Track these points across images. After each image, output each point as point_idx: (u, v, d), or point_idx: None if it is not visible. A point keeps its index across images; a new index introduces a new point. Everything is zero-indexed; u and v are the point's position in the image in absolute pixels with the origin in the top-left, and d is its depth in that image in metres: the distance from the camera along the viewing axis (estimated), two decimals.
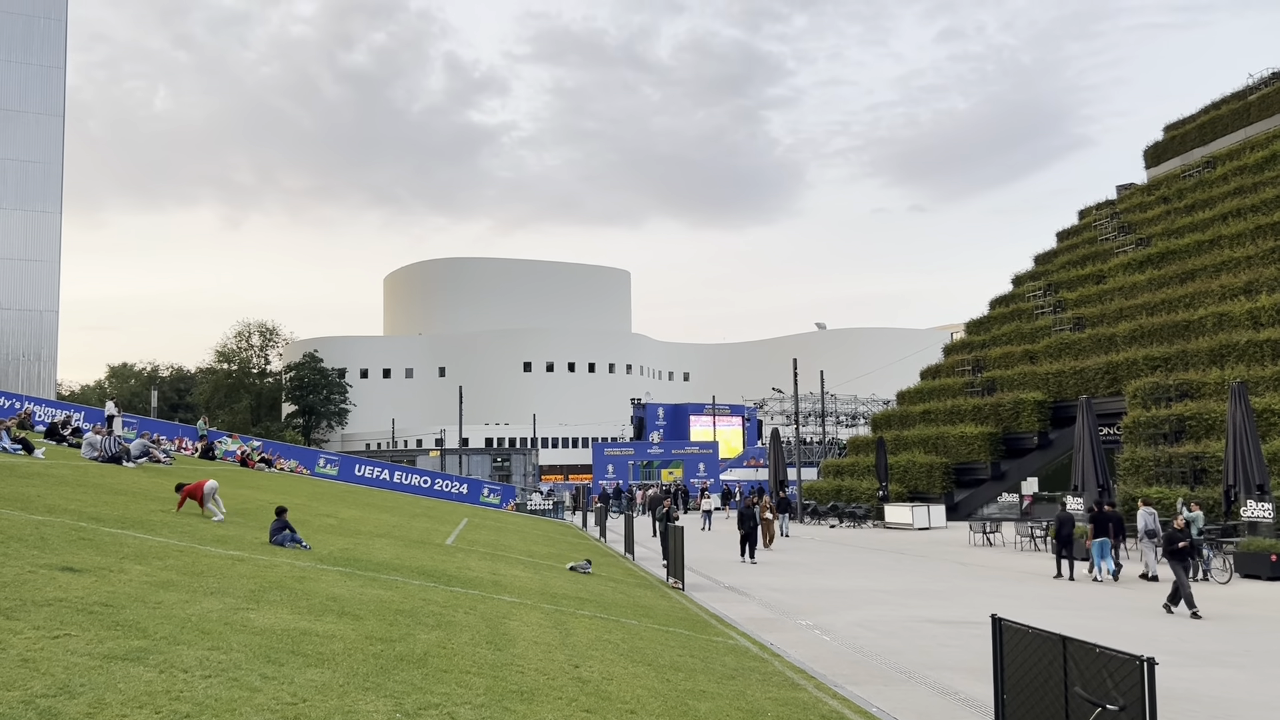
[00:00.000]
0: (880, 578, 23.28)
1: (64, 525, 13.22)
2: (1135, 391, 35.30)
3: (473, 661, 9.21)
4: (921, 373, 55.17)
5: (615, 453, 70.20)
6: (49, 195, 67.40)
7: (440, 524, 28.65)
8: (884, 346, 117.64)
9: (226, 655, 7.79)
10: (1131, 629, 15.17)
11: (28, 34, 67.17)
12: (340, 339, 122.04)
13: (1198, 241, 42.87)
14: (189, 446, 39.57)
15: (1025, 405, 42.38)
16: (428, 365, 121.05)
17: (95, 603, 8.85)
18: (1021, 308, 51.56)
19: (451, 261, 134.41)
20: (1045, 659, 6.86)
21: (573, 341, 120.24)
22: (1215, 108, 54.30)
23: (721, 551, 30.57)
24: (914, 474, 44.51)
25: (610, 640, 12.06)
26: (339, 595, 11.69)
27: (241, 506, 20.87)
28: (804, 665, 12.44)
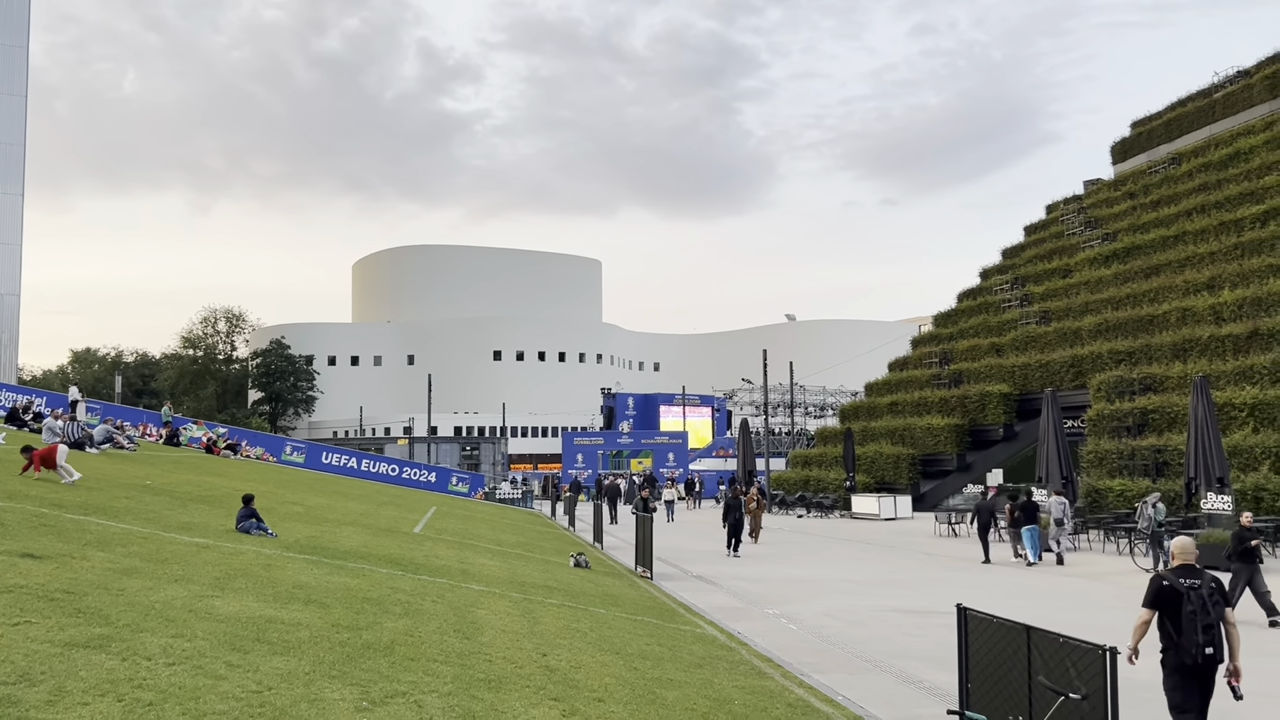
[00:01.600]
0: (847, 567, 23.45)
1: (24, 511, 13.03)
2: (1099, 385, 35.72)
3: (440, 650, 9.18)
4: (889, 365, 55.54)
5: (585, 442, 70.19)
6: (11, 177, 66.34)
7: (408, 512, 28.54)
8: (853, 338, 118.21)
9: (190, 643, 7.71)
10: (1094, 619, 15.37)
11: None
12: (308, 325, 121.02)
13: (1162, 237, 43.40)
14: (153, 433, 39.15)
15: (991, 398, 42.78)
16: (396, 353, 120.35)
17: (56, 590, 8.74)
18: (989, 301, 52.00)
19: (421, 249, 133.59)
20: (1009, 648, 6.93)
21: (543, 330, 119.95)
22: (1181, 105, 54.92)
23: (691, 541, 30.68)
24: (881, 465, 44.83)
25: (578, 629, 12.07)
26: (305, 583, 11.62)
27: (207, 494, 20.70)
28: (771, 654, 12.50)
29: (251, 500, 16.31)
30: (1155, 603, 7.84)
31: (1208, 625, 7.58)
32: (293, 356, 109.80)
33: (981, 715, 6.98)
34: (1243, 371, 30.66)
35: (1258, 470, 26.65)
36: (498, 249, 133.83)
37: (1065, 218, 55.35)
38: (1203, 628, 7.56)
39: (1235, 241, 38.17)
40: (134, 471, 22.37)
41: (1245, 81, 50.01)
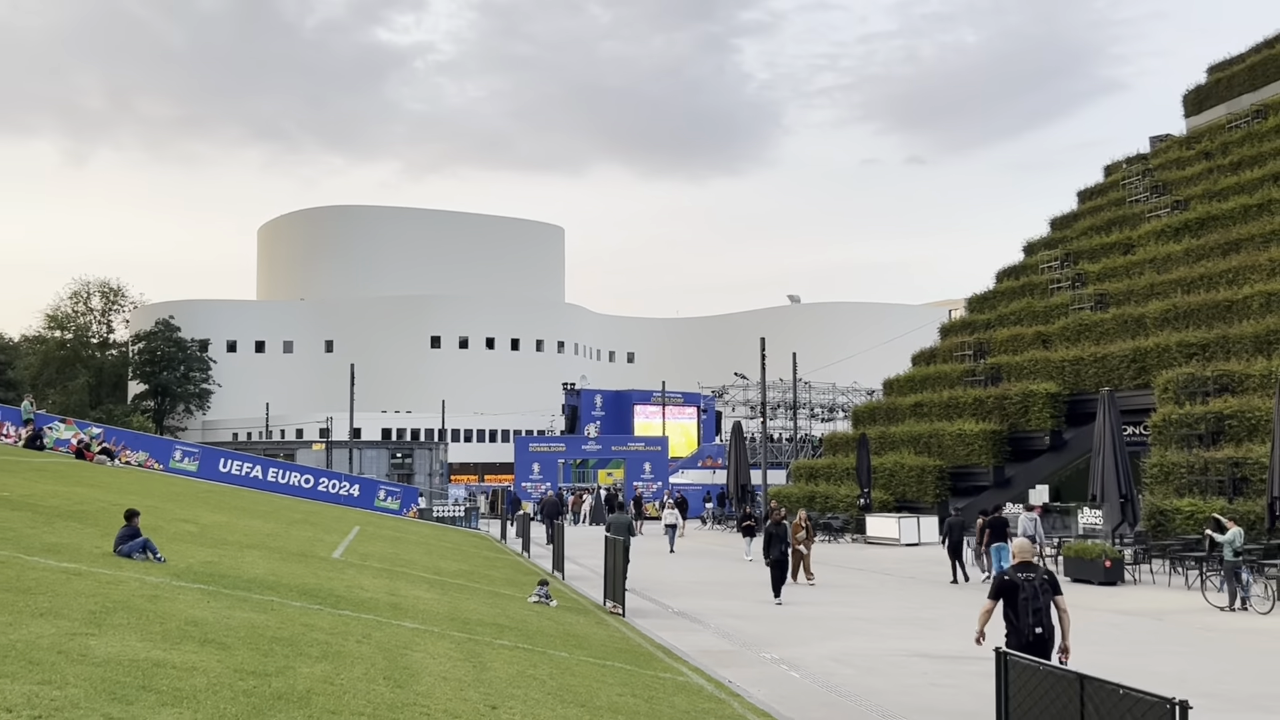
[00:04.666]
0: (860, 602, 23.62)
1: None
2: (1166, 384, 36.03)
3: (367, 701, 9.20)
4: (913, 358, 55.78)
5: (542, 449, 70.27)
6: None
7: (326, 533, 28.53)
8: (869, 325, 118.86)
9: (61, 691, 7.69)
10: (1159, 666, 15.56)
11: None
12: (203, 303, 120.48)
13: (1244, 205, 43.78)
14: (10, 433, 38.93)
15: (1036, 398, 43.08)
16: (311, 337, 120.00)
17: None
18: (1034, 281, 52.39)
19: (343, 209, 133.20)
20: (1059, 701, 7.02)
21: (492, 312, 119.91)
22: (1269, 46, 55.47)
23: (671, 571, 30.79)
24: (902, 479, 45.10)
25: (535, 676, 12.11)
26: (201, 619, 11.60)
27: (77, 508, 20.61)
28: (769, 707, 12.59)
29: (135, 517, 16.27)
30: (997, 594, 11.11)
31: (1037, 609, 10.73)
32: (183, 341, 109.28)
33: None
34: None
35: None
36: (438, 211, 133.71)
37: (1127, 181, 55.85)
38: (1033, 611, 10.73)
39: None
40: None
41: None
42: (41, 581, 12.06)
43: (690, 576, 28.97)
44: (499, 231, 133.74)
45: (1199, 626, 20.04)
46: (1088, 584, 26.65)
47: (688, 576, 29.03)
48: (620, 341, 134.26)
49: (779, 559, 23.50)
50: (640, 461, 67.80)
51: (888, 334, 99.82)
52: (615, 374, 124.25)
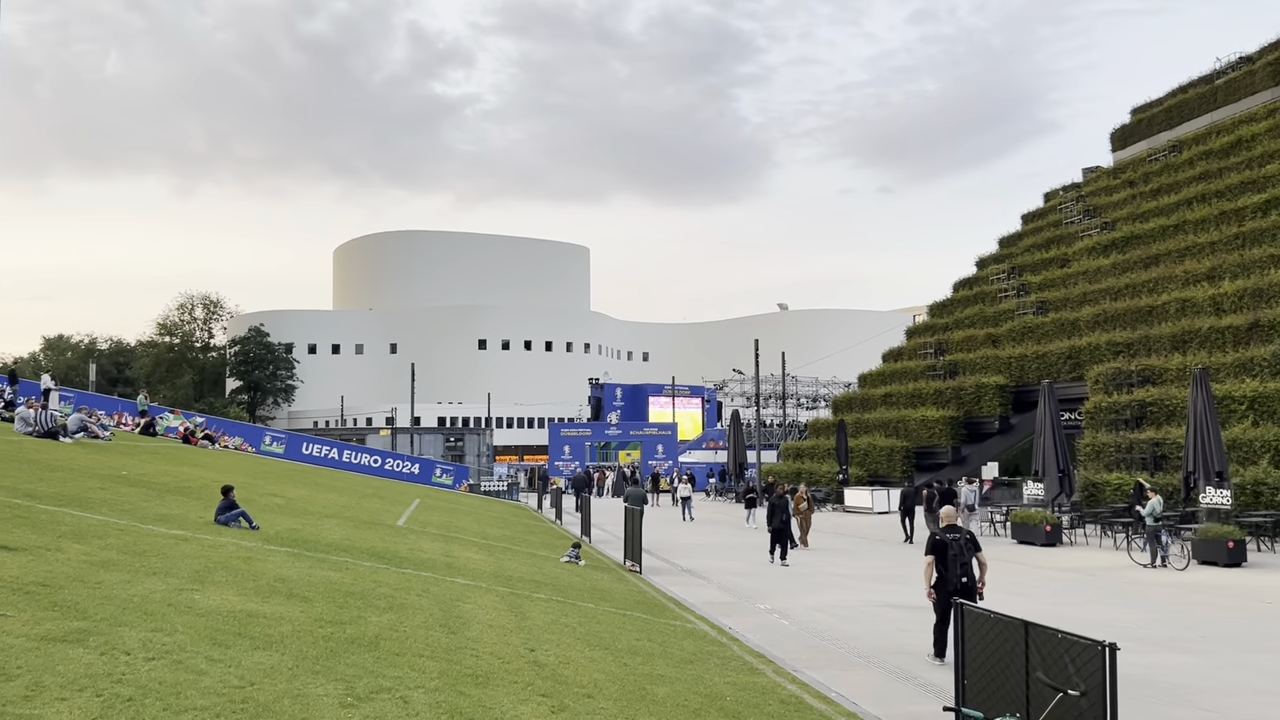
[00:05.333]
0: (840, 562, 23.55)
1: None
2: (1097, 377, 35.87)
3: (426, 645, 9.20)
4: (883, 355, 55.63)
5: (572, 433, 70.16)
6: None
7: (391, 505, 28.53)
8: (846, 328, 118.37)
9: (170, 637, 7.71)
10: (1092, 614, 15.47)
11: None
12: (288, 313, 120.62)
13: (1162, 226, 43.54)
14: (129, 422, 39.03)
15: (987, 389, 42.89)
16: (378, 341, 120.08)
17: (32, 583, 8.72)
18: (985, 290, 52.12)
19: (404, 234, 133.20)
20: (1007, 644, 6.97)
21: (529, 319, 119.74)
22: (1182, 91, 55.06)
23: (681, 535, 30.74)
24: (874, 457, 44.95)
25: (567, 624, 12.10)
26: (287, 576, 11.61)
27: (184, 485, 20.65)
28: (763, 649, 12.55)
29: (231, 491, 16.27)
30: (931, 551, 11.84)
31: (964, 563, 11.61)
32: (272, 344, 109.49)
33: (979, 712, 7.03)
34: (1243, 364, 30.83)
35: (1257, 464, 26.82)
36: (483, 235, 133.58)
37: (1064, 206, 55.50)
38: (960, 565, 11.60)
39: (1236, 231, 38.33)
40: (109, 462, 22.28)
41: (1248, 68, 50.16)
42: (154, 546, 12.09)
43: (697, 540, 28.93)
44: (535, 251, 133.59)
45: (1125, 581, 19.92)
46: (1031, 545, 26.50)
47: (695, 540, 28.98)
48: (637, 343, 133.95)
49: (780, 527, 23.07)
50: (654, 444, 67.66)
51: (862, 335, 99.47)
52: (633, 371, 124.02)
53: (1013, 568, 22.30)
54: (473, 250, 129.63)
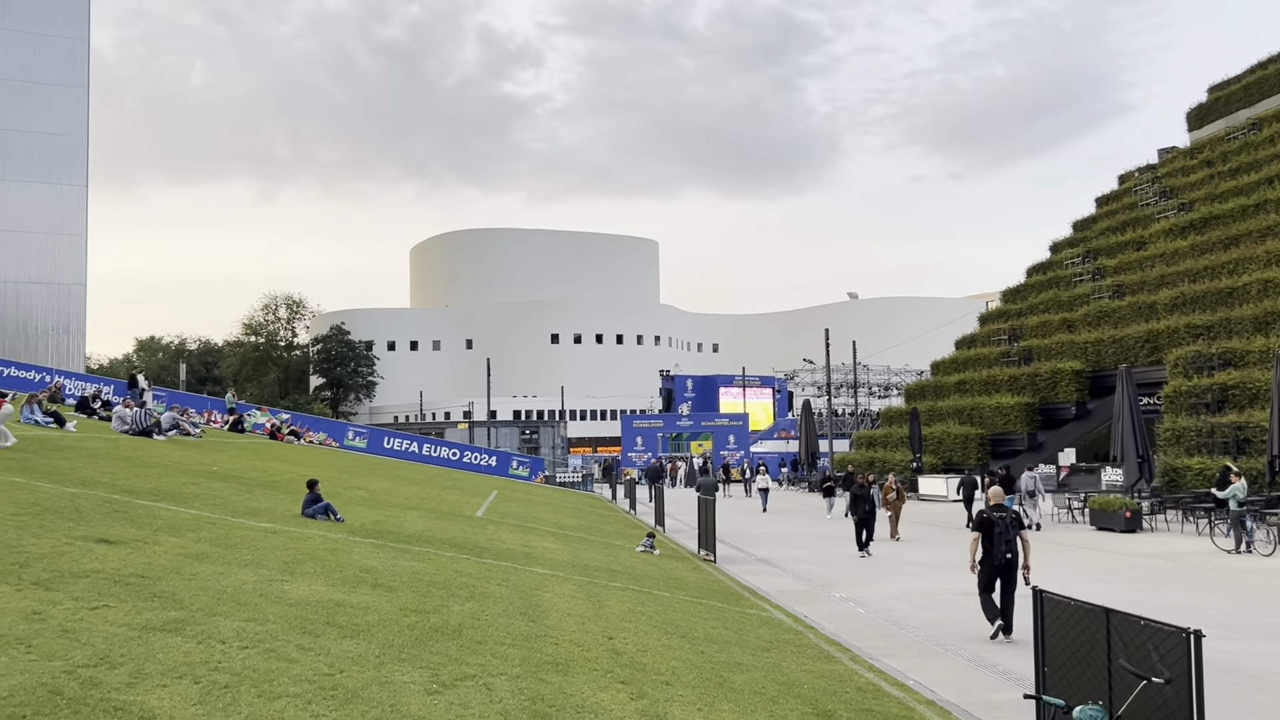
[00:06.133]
0: (915, 550, 23.26)
1: (98, 498, 13.43)
2: (1176, 360, 34.91)
3: (507, 633, 9.30)
4: (956, 342, 54.79)
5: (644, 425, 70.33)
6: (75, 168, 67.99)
7: (470, 496, 28.86)
8: (918, 316, 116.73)
9: (263, 626, 7.90)
10: (1175, 601, 15.08)
11: (50, 6, 67.56)
12: (367, 311, 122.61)
13: (1242, 206, 42.15)
14: (218, 419, 40.02)
15: (1063, 375, 41.99)
16: (455, 337, 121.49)
17: (132, 574, 9.00)
18: (1059, 275, 51.00)
19: (478, 232, 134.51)
20: (1088, 631, 6.83)
21: (600, 313, 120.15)
22: (1261, 67, 53.19)
23: (755, 525, 30.64)
24: (948, 445, 44.30)
25: (643, 612, 12.14)
26: (372, 567, 11.82)
27: (272, 479, 21.13)
28: (839, 638, 12.47)
29: (316, 485, 16.61)
30: (978, 528, 12.59)
31: (1008, 540, 12.29)
32: (353, 342, 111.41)
33: (1060, 700, 6.89)
34: None
35: None
36: (554, 231, 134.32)
37: (1139, 188, 54.02)
38: (1005, 542, 12.29)
39: None
40: (200, 458, 22.90)
41: None
42: (245, 539, 12.40)
43: (771, 530, 28.80)
44: (605, 246, 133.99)
45: (1209, 567, 19.37)
46: (1110, 531, 25.92)
47: (768, 530, 28.86)
48: (707, 335, 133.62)
49: (863, 517, 22.17)
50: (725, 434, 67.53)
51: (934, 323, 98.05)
52: (703, 362, 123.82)
53: (1092, 554, 21.83)
54: (544, 246, 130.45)
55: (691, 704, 7.86)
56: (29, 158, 66.34)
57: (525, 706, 6.91)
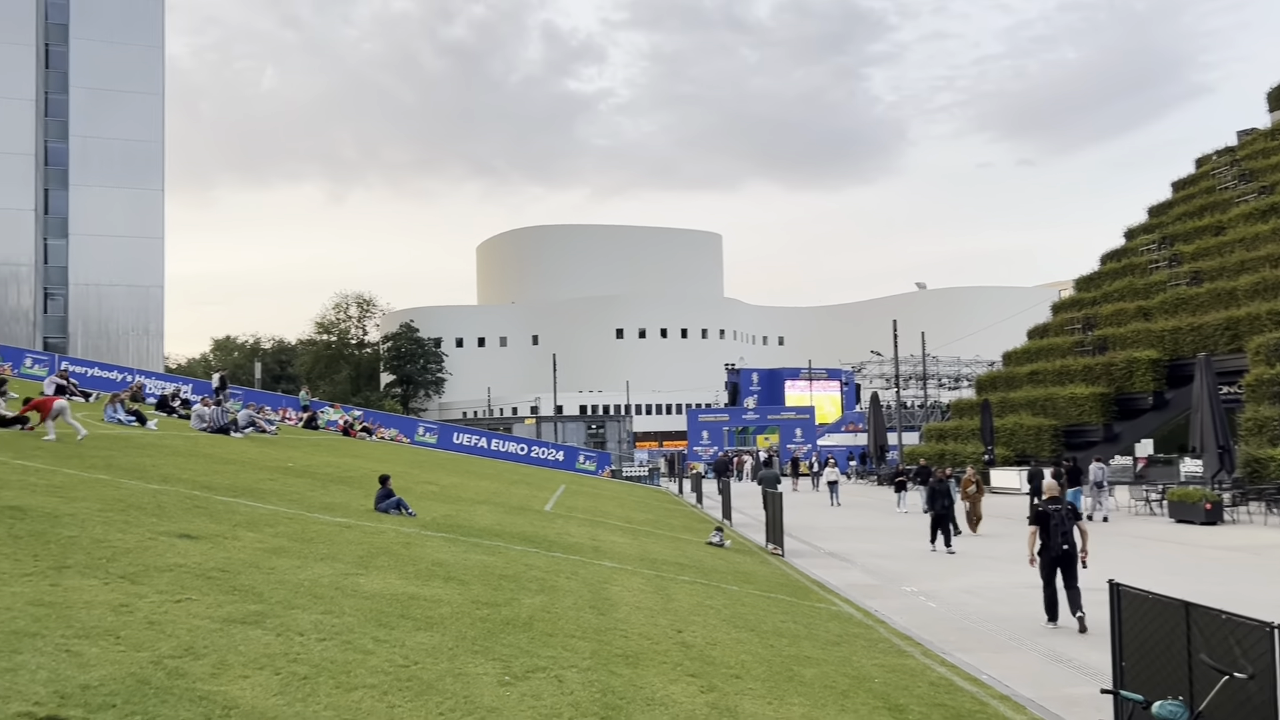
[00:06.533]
0: (987, 544, 22.93)
1: (179, 494, 13.81)
2: (1258, 348, 33.91)
3: (577, 626, 9.38)
4: (1028, 332, 53.88)
5: (710, 419, 70.23)
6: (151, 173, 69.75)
7: (538, 490, 29.11)
8: (988, 306, 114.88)
9: (339, 619, 8.08)
10: (1258, 595, 14.67)
11: (127, 15, 69.39)
12: (435, 309, 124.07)
13: None
14: (292, 416, 40.83)
15: (1139, 364, 41.05)
16: (521, 333, 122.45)
17: (213, 568, 9.25)
18: (1134, 262, 49.82)
19: (542, 229, 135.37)
20: (1167, 625, 6.69)
21: (664, 307, 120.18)
22: None
23: (824, 518, 30.46)
24: (1021, 437, 43.58)
25: (712, 606, 12.15)
26: (444, 560, 12.00)
27: (345, 475, 21.54)
28: (910, 632, 12.35)
29: (388, 481, 16.88)
30: (1035, 521, 12.92)
31: (1064, 532, 12.60)
32: (422, 339, 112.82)
33: (1138, 695, 6.76)
34: None
35: None
36: (618, 226, 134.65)
37: (1217, 171, 52.52)
38: (1061, 534, 12.59)
39: None
40: (276, 454, 23.42)
41: None
42: (321, 533, 12.66)
43: (839, 524, 28.60)
44: (668, 240, 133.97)
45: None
46: (1190, 524, 25.30)
47: (837, 523, 28.66)
48: (772, 328, 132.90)
49: (941, 513, 21.37)
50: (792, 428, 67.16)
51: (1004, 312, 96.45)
52: (768, 355, 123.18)
53: (1171, 547, 21.32)
54: (608, 242, 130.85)
55: (762, 697, 7.86)
56: (109, 164, 68.24)
57: (596, 698, 6.98)
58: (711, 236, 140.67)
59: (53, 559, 8.50)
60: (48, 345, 62.89)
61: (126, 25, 68.85)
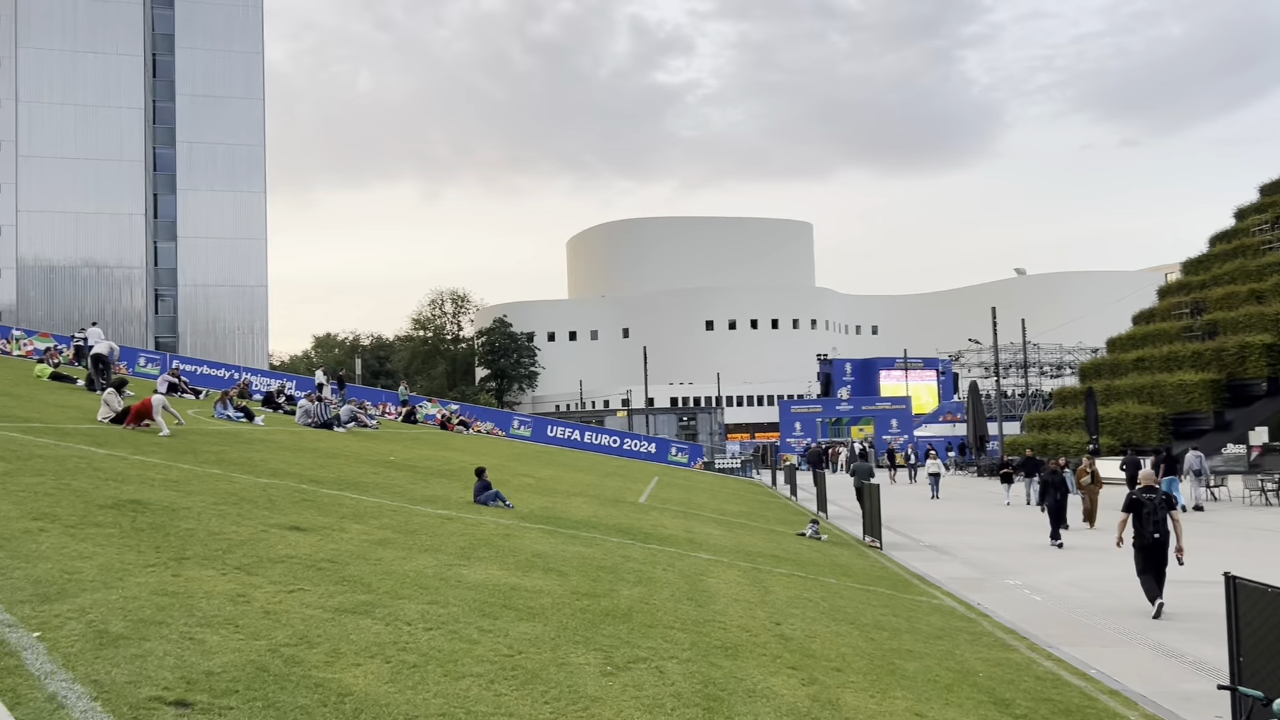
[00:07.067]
0: (1092, 535, 22.35)
1: (288, 487, 14.27)
2: None
3: (675, 617, 9.44)
4: (1134, 317, 52.31)
5: (802, 410, 69.73)
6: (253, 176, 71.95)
7: (632, 483, 29.27)
8: (1091, 291, 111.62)
9: (445, 609, 8.27)
10: None
11: (229, 23, 71.62)
12: (528, 304, 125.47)
13: None
14: (392, 411, 41.79)
15: (1252, 349, 39.51)
16: (611, 327, 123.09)
17: (322, 559, 9.55)
18: (1246, 244, 47.92)
19: (631, 222, 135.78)
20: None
21: (754, 298, 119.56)
22: None
23: (922, 511, 30.03)
24: (1127, 425, 42.32)
25: (810, 598, 12.10)
26: (543, 552, 12.18)
27: (445, 467, 21.98)
28: (1015, 625, 12.14)
29: (485, 473, 17.17)
30: (1128, 509, 12.97)
31: (1157, 520, 12.57)
32: (515, 334, 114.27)
33: (1258, 691, 6.55)
34: None
35: None
36: (706, 218, 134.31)
37: None
38: (1153, 522, 12.58)
39: None
40: (378, 448, 24.00)
41: None
42: (424, 525, 12.95)
43: (939, 516, 28.16)
44: (758, 231, 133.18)
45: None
46: None
47: (936, 516, 28.23)
48: (865, 317, 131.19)
49: (1054, 505, 20.69)
50: (887, 418, 66.29)
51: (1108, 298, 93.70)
52: (862, 345, 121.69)
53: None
54: (697, 233, 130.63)
55: (864, 690, 7.82)
56: (213, 168, 70.60)
57: (698, 689, 7.03)
58: (802, 225, 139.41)
59: (173, 550, 8.88)
60: (158, 345, 65.45)
61: (228, 33, 71.13)
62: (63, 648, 5.77)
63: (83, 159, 67.50)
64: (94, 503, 10.39)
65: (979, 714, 7.75)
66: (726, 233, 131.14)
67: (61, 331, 47.68)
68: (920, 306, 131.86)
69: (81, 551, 8.22)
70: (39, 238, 67.64)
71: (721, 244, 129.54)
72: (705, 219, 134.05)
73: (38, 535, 8.55)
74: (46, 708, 4.86)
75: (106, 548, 8.53)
